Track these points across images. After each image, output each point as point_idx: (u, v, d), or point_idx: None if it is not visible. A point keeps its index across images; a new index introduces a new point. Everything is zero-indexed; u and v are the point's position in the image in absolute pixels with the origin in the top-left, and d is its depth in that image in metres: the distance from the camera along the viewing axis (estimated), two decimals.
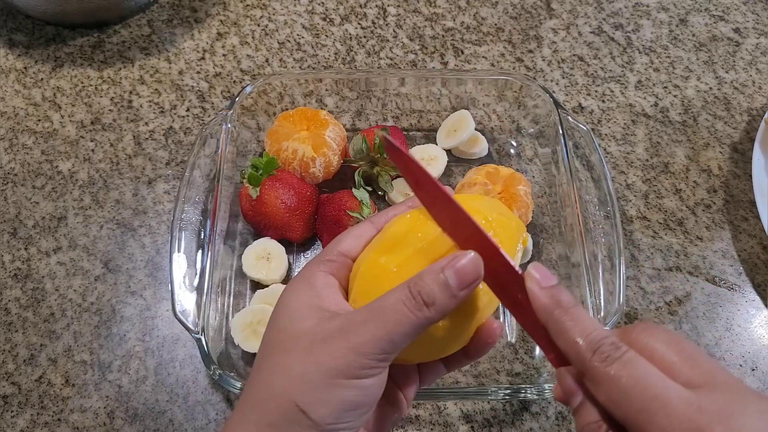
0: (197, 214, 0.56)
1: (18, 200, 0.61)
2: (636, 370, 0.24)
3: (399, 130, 0.61)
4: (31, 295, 0.56)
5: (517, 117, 0.64)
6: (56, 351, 0.54)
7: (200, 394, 0.52)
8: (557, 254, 0.57)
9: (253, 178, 0.55)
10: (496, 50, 0.71)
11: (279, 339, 0.30)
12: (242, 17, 0.72)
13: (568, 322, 0.26)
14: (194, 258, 0.53)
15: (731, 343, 0.55)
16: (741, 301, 0.57)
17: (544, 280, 0.27)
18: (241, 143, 0.60)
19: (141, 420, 0.51)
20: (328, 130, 0.58)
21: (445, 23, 0.73)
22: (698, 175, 0.63)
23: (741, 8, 0.74)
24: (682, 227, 0.60)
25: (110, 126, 0.65)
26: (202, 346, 0.48)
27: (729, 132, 0.66)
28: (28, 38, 0.71)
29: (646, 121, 0.66)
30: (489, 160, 0.63)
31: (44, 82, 0.68)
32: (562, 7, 0.74)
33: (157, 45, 0.70)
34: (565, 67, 0.69)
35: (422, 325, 0.27)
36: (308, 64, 0.69)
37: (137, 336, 0.54)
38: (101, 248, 0.58)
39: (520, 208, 0.56)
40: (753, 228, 0.60)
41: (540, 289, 0.27)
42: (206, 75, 0.68)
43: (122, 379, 0.53)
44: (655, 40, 0.72)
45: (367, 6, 0.74)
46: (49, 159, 0.63)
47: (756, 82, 0.69)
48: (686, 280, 0.58)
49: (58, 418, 0.51)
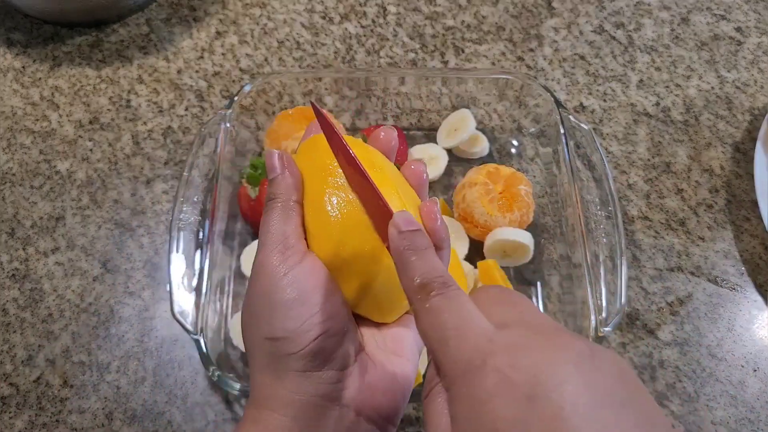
0: (196, 214, 0.55)
1: (16, 200, 0.60)
2: (452, 304, 0.24)
3: (399, 130, 0.61)
4: (29, 296, 0.56)
5: (518, 116, 0.64)
6: (54, 352, 0.53)
7: (199, 395, 0.52)
8: (558, 254, 0.57)
9: (252, 178, 0.55)
10: (497, 49, 0.70)
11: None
12: (241, 16, 0.72)
13: (415, 261, 0.26)
14: (193, 258, 0.53)
15: (733, 343, 0.55)
16: (743, 302, 0.57)
17: (404, 224, 0.27)
18: (240, 143, 0.60)
19: (139, 421, 0.51)
20: None
21: (446, 22, 0.72)
22: (700, 174, 0.63)
23: (743, 7, 0.74)
24: (683, 227, 0.60)
25: (108, 125, 0.64)
26: (201, 347, 0.48)
27: (731, 131, 0.65)
28: (26, 37, 0.70)
29: (648, 121, 0.66)
30: (490, 159, 0.63)
31: (42, 82, 0.67)
32: (563, 5, 0.74)
33: (155, 44, 0.70)
34: (567, 66, 0.69)
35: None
36: (307, 63, 0.69)
37: (136, 337, 0.54)
38: (99, 248, 0.58)
39: (521, 207, 0.55)
40: (755, 228, 0.60)
41: (398, 232, 0.27)
42: (205, 74, 0.68)
43: (121, 380, 0.52)
44: (656, 39, 0.71)
45: (367, 4, 0.73)
46: (47, 159, 0.63)
47: (758, 82, 0.68)
48: (688, 280, 0.57)
49: (57, 419, 0.51)
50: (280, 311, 0.30)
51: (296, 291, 0.30)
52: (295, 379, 0.30)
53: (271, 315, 0.30)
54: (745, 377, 0.53)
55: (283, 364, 0.30)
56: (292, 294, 0.30)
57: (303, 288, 0.30)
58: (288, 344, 0.30)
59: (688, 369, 0.54)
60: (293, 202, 0.32)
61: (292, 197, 0.32)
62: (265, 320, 0.30)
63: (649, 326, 0.55)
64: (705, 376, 0.53)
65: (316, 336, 0.30)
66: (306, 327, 0.30)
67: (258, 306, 0.31)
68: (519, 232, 0.54)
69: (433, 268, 0.26)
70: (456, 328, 0.23)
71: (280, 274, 0.30)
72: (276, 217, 0.32)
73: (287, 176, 0.32)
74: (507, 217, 0.55)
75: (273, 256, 0.31)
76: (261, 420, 0.31)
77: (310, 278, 0.31)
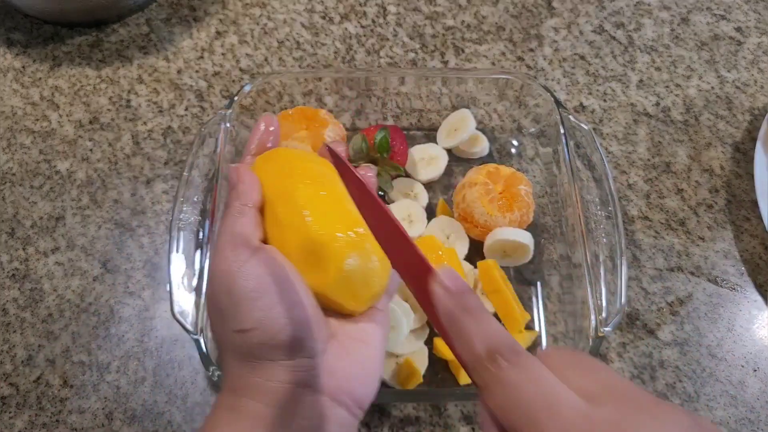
0: (196, 214, 0.55)
1: (16, 200, 0.60)
2: (531, 375, 0.23)
3: (399, 130, 0.61)
4: (29, 296, 0.56)
5: (518, 116, 0.64)
6: (54, 352, 0.53)
7: (199, 395, 0.52)
8: (558, 254, 0.57)
9: None
10: (497, 49, 0.70)
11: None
12: (241, 16, 0.72)
13: (471, 326, 0.24)
14: (193, 258, 0.53)
15: (733, 343, 0.55)
16: (743, 302, 0.57)
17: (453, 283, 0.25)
18: (240, 143, 0.60)
19: (139, 421, 0.51)
20: (327, 130, 0.57)
21: (446, 22, 0.72)
22: (700, 174, 0.63)
23: (743, 7, 0.74)
24: (683, 227, 0.60)
25: (108, 125, 0.64)
26: (201, 347, 0.48)
27: (731, 131, 0.65)
28: (26, 37, 0.70)
29: (648, 121, 0.66)
30: (490, 159, 0.63)
31: (42, 82, 0.67)
32: (563, 5, 0.74)
33: (155, 44, 0.70)
34: (567, 66, 0.69)
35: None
36: (307, 63, 0.69)
37: (136, 337, 0.54)
38: (99, 248, 0.58)
39: (521, 207, 0.55)
40: (755, 228, 0.60)
41: (445, 292, 0.25)
42: (205, 74, 0.68)
43: (121, 380, 0.52)
44: (656, 39, 0.71)
45: (367, 4, 0.73)
46: (47, 158, 0.63)
47: (758, 82, 0.68)
48: (688, 280, 0.57)
49: (57, 419, 0.51)
50: (243, 303, 0.31)
51: (254, 282, 0.31)
52: (270, 368, 0.31)
53: (236, 308, 0.31)
54: (745, 377, 0.53)
55: (256, 354, 0.31)
56: (250, 284, 0.31)
57: (260, 279, 0.31)
58: (258, 334, 0.31)
59: (688, 369, 0.54)
60: (248, 206, 0.34)
61: (247, 202, 0.34)
62: (230, 314, 0.31)
63: (649, 326, 0.55)
64: (705, 376, 0.53)
65: (284, 324, 0.31)
66: (273, 315, 0.31)
67: (221, 302, 0.32)
68: (519, 232, 0.54)
69: (497, 332, 0.24)
70: (547, 408, 0.22)
71: (235, 269, 0.31)
72: (228, 221, 0.33)
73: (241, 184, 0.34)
74: (507, 217, 0.55)
75: (226, 253, 0.32)
76: (237, 407, 0.31)
77: (267, 269, 0.32)
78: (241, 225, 0.33)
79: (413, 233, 0.56)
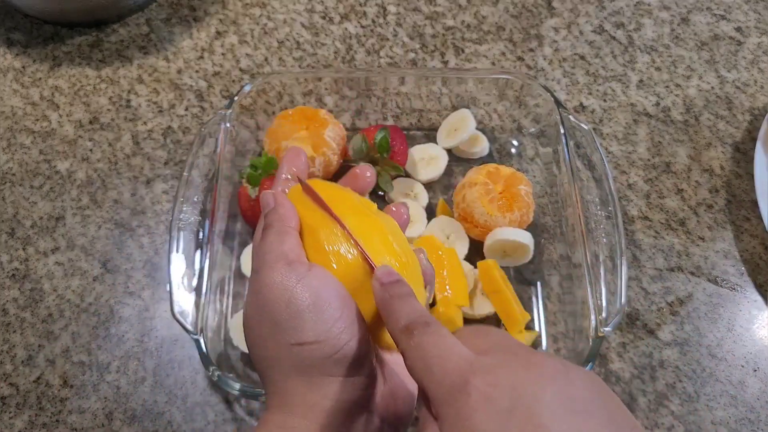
0: (196, 214, 0.55)
1: (16, 200, 0.60)
2: (434, 337, 0.26)
3: (399, 130, 0.61)
4: (29, 296, 0.56)
5: (518, 116, 0.64)
6: (54, 352, 0.53)
7: (199, 395, 0.52)
8: (558, 254, 0.57)
9: (252, 178, 0.55)
10: (497, 49, 0.70)
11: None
12: (241, 16, 0.72)
13: (397, 307, 0.28)
14: (193, 258, 0.53)
15: (733, 343, 0.55)
16: (743, 302, 0.57)
17: (385, 276, 0.30)
18: (240, 143, 0.60)
19: (139, 421, 0.51)
20: (327, 130, 0.57)
21: (446, 22, 0.72)
22: (700, 174, 0.63)
23: (743, 7, 0.74)
24: (683, 227, 0.60)
25: (108, 125, 0.64)
26: (201, 347, 0.48)
27: (731, 131, 0.65)
28: (26, 37, 0.70)
29: (648, 121, 0.66)
30: (490, 159, 0.63)
31: (42, 82, 0.67)
32: (563, 5, 0.74)
33: (155, 44, 0.70)
34: (567, 66, 0.69)
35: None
36: (307, 63, 0.69)
37: (136, 337, 0.54)
38: (99, 248, 0.58)
39: (521, 207, 0.55)
40: (755, 228, 0.60)
41: (380, 285, 0.30)
42: (205, 74, 0.68)
43: (120, 380, 0.52)
44: (656, 39, 0.71)
45: (367, 4, 0.73)
46: (47, 159, 0.63)
47: (758, 82, 0.68)
48: (688, 280, 0.57)
49: (57, 419, 0.51)
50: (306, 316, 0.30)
51: (314, 296, 0.31)
52: (330, 385, 0.31)
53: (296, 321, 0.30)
54: (745, 377, 0.53)
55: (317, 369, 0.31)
56: (311, 299, 0.30)
57: (320, 293, 0.31)
58: (320, 347, 0.30)
59: (688, 369, 0.54)
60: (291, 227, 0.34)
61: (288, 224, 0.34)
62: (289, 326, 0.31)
63: (649, 326, 0.55)
64: (705, 376, 0.53)
65: (347, 339, 0.30)
66: (336, 330, 0.30)
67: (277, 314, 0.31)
68: (519, 232, 0.54)
69: (415, 310, 0.28)
70: (439, 356, 0.25)
71: (293, 283, 0.31)
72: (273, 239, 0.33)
73: (281, 207, 0.34)
74: (507, 217, 0.55)
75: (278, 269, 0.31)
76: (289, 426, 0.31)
77: (325, 284, 0.31)
78: (289, 243, 0.33)
79: (413, 233, 0.56)
